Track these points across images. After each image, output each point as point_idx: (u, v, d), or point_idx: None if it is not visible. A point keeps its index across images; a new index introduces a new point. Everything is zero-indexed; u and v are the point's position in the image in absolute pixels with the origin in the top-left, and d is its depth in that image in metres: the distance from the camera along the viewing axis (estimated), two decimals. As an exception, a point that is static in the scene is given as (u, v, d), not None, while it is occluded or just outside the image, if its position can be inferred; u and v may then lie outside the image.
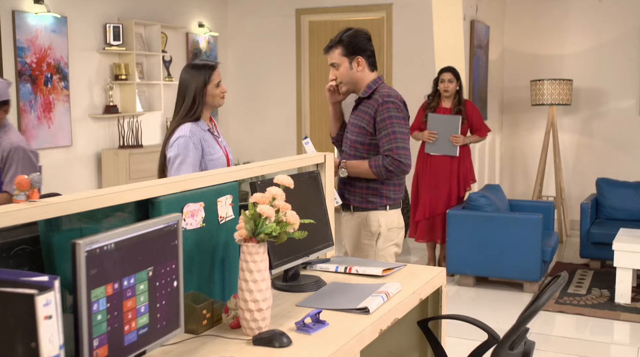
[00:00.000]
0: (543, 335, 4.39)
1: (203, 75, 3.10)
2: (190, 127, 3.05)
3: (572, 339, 4.38)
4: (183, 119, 3.09)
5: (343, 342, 1.95)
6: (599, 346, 4.24)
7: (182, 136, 3.02)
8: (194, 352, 1.86)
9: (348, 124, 3.27)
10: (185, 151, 3.00)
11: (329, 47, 3.15)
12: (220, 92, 3.15)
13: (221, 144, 3.21)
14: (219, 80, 3.15)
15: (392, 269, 2.67)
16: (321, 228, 2.65)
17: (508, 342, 2.07)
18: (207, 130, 3.13)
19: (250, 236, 1.96)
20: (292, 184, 2.06)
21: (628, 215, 6.12)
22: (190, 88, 3.10)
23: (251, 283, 1.97)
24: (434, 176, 5.55)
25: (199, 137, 3.06)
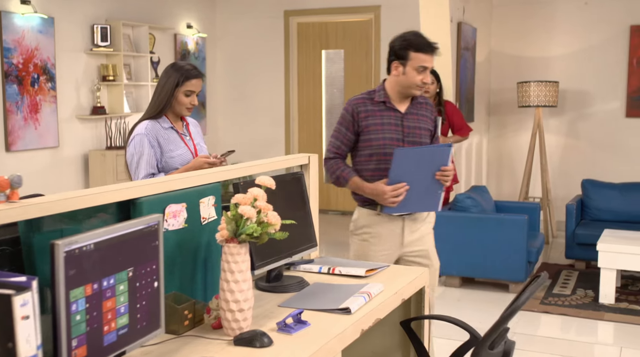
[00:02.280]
0: (528, 335, 4.42)
1: (177, 77, 3.07)
2: (146, 124, 3.05)
3: (556, 339, 4.41)
4: (145, 116, 3.11)
5: (324, 342, 1.97)
6: (583, 346, 4.27)
7: (138, 134, 3.03)
8: (174, 352, 1.87)
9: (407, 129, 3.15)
10: (141, 148, 3.01)
11: (435, 51, 3.09)
12: (189, 103, 3.10)
13: (188, 142, 3.17)
14: (193, 91, 3.10)
15: (376, 270, 2.69)
16: (305, 229, 2.66)
17: (488, 342, 2.09)
18: (169, 127, 3.11)
19: (231, 237, 1.97)
20: (273, 185, 2.07)
21: (613, 216, 6.17)
22: (161, 86, 3.10)
23: (232, 284, 1.98)
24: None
25: (155, 134, 3.05)
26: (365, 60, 8.29)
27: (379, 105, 3.14)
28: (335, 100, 8.61)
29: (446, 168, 3.04)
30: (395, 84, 3.13)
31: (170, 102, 3.09)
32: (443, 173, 3.05)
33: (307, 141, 8.71)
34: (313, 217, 2.85)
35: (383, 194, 3.04)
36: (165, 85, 3.10)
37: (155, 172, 3.07)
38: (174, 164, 3.10)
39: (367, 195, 3.13)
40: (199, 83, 3.14)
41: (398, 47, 3.08)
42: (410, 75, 3.06)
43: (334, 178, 3.23)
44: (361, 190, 3.15)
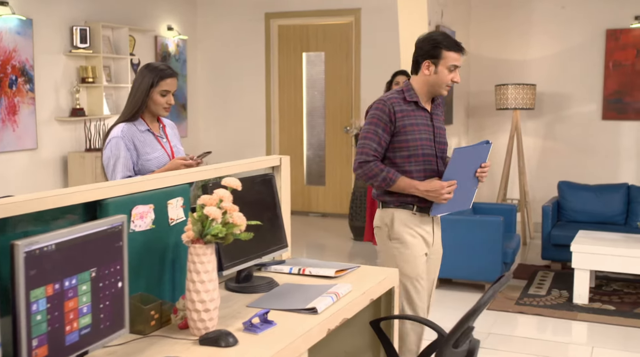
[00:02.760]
0: (503, 335, 4.47)
1: (152, 78, 3.07)
2: (122, 127, 3.04)
3: (530, 339, 4.46)
4: (120, 119, 3.09)
5: (289, 342, 1.99)
6: (556, 345, 4.33)
7: (114, 137, 3.02)
8: (139, 352, 1.88)
9: (436, 130, 3.17)
10: (117, 151, 3.00)
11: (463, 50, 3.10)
12: (165, 102, 3.10)
13: (164, 145, 3.17)
14: (168, 90, 3.09)
15: (346, 270, 2.71)
16: (275, 230, 2.69)
17: (451, 340, 2.13)
18: (145, 130, 3.10)
19: (197, 238, 1.99)
20: (239, 186, 2.09)
21: (589, 217, 6.24)
22: (136, 88, 3.09)
23: (198, 284, 2.00)
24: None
25: (131, 137, 3.04)
26: (346, 62, 8.33)
27: (411, 105, 3.11)
28: (316, 103, 8.64)
29: (486, 164, 3.11)
30: (425, 84, 3.10)
31: (145, 103, 3.09)
32: (483, 170, 3.10)
33: (288, 143, 8.73)
34: (284, 218, 2.87)
35: (441, 189, 2.99)
36: (140, 86, 3.09)
37: (131, 175, 3.06)
38: (151, 166, 3.10)
39: (419, 193, 3.04)
40: (173, 82, 3.13)
41: (430, 47, 3.05)
42: (442, 74, 3.04)
43: (380, 180, 3.05)
44: (413, 188, 3.04)
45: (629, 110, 7.21)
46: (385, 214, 3.16)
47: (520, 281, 5.68)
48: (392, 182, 3.04)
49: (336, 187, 8.48)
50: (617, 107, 7.25)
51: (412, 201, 3.10)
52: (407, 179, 3.06)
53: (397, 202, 3.12)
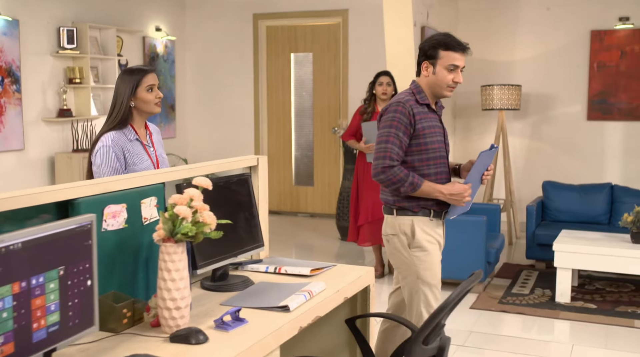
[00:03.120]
0: (484, 334, 4.50)
1: (133, 80, 3.03)
2: (112, 136, 2.99)
3: (511, 338, 4.50)
4: (109, 126, 3.03)
5: (259, 339, 2.02)
6: (537, 343, 4.36)
7: (104, 146, 2.97)
8: (109, 350, 1.91)
9: (443, 130, 3.17)
10: (107, 160, 2.96)
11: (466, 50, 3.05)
12: (155, 97, 3.05)
13: (151, 154, 3.14)
14: (153, 84, 3.04)
15: (321, 269, 2.74)
16: (251, 229, 2.71)
17: (421, 337, 2.16)
18: (134, 139, 3.06)
19: (168, 236, 2.01)
20: (210, 185, 2.12)
21: (572, 217, 6.29)
22: (119, 94, 3.04)
23: (169, 282, 2.02)
24: (375, 180, 5.63)
25: (121, 147, 3.00)
26: (334, 63, 8.36)
27: (424, 107, 3.06)
28: (304, 103, 8.67)
29: (491, 167, 3.16)
30: (426, 85, 3.06)
31: (130, 108, 3.03)
32: (489, 172, 3.16)
33: (276, 144, 8.76)
34: (262, 218, 2.90)
35: (464, 192, 2.99)
36: (124, 91, 3.03)
37: None
38: None
39: (443, 197, 3.00)
40: (154, 77, 3.08)
41: (427, 47, 3.03)
42: (441, 74, 3.00)
43: (407, 185, 2.98)
44: (437, 192, 3.00)
45: (614, 110, 7.27)
46: (402, 221, 3.08)
47: (505, 280, 5.73)
48: (418, 186, 2.98)
49: (325, 187, 8.51)
50: (602, 107, 7.31)
51: (431, 206, 3.07)
52: (431, 183, 3.02)
53: (417, 208, 3.06)
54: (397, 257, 3.15)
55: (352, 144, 5.80)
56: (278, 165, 8.72)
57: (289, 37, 8.57)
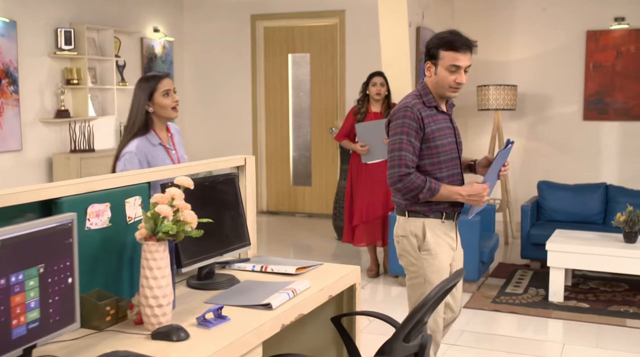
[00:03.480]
0: (476, 333, 4.52)
1: (149, 86, 3.13)
2: (137, 143, 3.08)
3: (502, 337, 4.51)
4: (131, 133, 3.13)
5: (240, 336, 2.04)
6: (528, 342, 4.38)
7: (128, 152, 3.07)
8: (91, 347, 1.94)
9: (452, 131, 3.09)
10: (131, 166, 3.05)
11: (472, 49, 2.96)
12: (172, 101, 3.14)
13: (173, 157, 3.22)
14: (169, 88, 3.13)
15: (307, 268, 2.77)
16: (237, 228, 2.74)
17: (401, 335, 2.18)
18: (157, 144, 3.15)
19: (150, 235, 2.04)
20: (191, 185, 2.15)
21: (567, 217, 6.30)
22: (136, 101, 3.14)
23: (151, 280, 2.05)
24: (370, 180, 5.65)
25: (145, 153, 3.09)
26: (331, 63, 8.39)
27: (432, 109, 3.00)
28: (302, 104, 8.70)
29: (507, 162, 3.14)
30: (431, 86, 3.01)
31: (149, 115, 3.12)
32: (506, 168, 3.13)
33: (274, 144, 8.79)
34: (249, 217, 2.92)
35: (483, 191, 2.94)
36: (140, 99, 3.13)
37: None
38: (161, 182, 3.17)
39: (462, 199, 2.97)
40: (169, 81, 3.19)
41: (430, 46, 2.96)
42: (442, 75, 2.93)
43: (426, 190, 2.94)
44: (456, 194, 2.97)
45: (610, 110, 7.28)
46: (413, 223, 3.06)
47: (499, 280, 5.74)
48: (437, 191, 2.94)
49: (322, 187, 8.54)
50: (598, 107, 7.32)
51: (444, 208, 3.04)
52: (449, 186, 2.99)
53: (430, 211, 3.03)
54: (406, 258, 3.13)
55: (346, 145, 5.83)
56: (276, 165, 8.75)
57: (287, 37, 8.60)
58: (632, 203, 5.65)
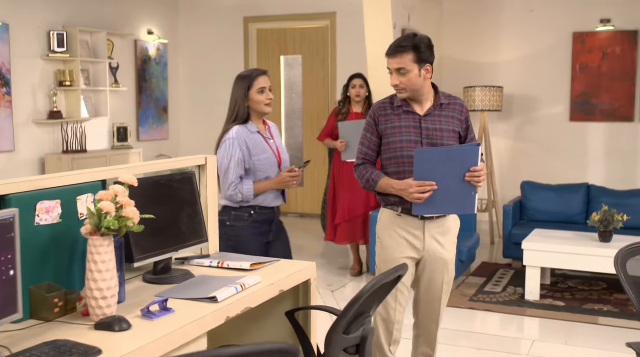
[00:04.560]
0: (447, 330, 4.59)
1: (246, 83, 3.38)
2: (236, 129, 3.39)
3: (473, 333, 4.58)
4: (229, 123, 3.43)
5: (180, 326, 2.14)
6: (498, 339, 4.46)
7: (229, 138, 3.38)
8: (36, 336, 2.03)
9: (426, 131, 3.10)
10: (232, 151, 3.35)
11: (401, 51, 3.02)
12: (265, 98, 3.38)
13: (272, 146, 3.46)
14: (263, 86, 3.38)
15: (263, 264, 2.86)
16: (194, 225, 2.83)
17: (338, 327, 2.26)
18: (255, 131, 3.41)
19: (94, 230, 2.14)
20: (135, 182, 2.25)
21: (549, 216, 6.37)
22: (234, 96, 3.43)
23: (96, 273, 2.14)
24: (350, 179, 5.72)
25: (244, 138, 3.37)
26: (322, 65, 8.48)
27: (398, 109, 3.13)
28: (294, 105, 8.79)
29: (476, 168, 2.96)
30: None
31: (246, 108, 3.40)
32: (472, 174, 2.96)
33: (267, 145, 8.87)
34: (210, 215, 3.02)
35: (409, 187, 3.02)
36: (237, 95, 3.42)
37: (242, 174, 3.40)
38: (261, 166, 3.43)
39: (395, 191, 3.09)
40: (265, 79, 3.43)
41: None
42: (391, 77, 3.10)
43: (364, 182, 3.18)
44: (390, 187, 3.11)
45: (596, 111, 7.34)
46: (379, 211, 3.31)
47: (480, 279, 5.82)
48: (375, 183, 3.14)
49: (314, 188, 8.63)
50: (584, 108, 7.38)
51: (394, 202, 3.15)
52: (388, 179, 3.12)
53: (383, 202, 3.22)
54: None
55: (328, 143, 5.92)
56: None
57: (279, 39, 8.70)
58: (613, 203, 5.72)
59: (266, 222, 3.55)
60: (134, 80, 8.32)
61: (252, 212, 3.48)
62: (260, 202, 3.48)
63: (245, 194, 3.41)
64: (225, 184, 3.41)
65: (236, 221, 3.48)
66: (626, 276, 2.57)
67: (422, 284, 3.29)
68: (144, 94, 8.46)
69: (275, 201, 3.58)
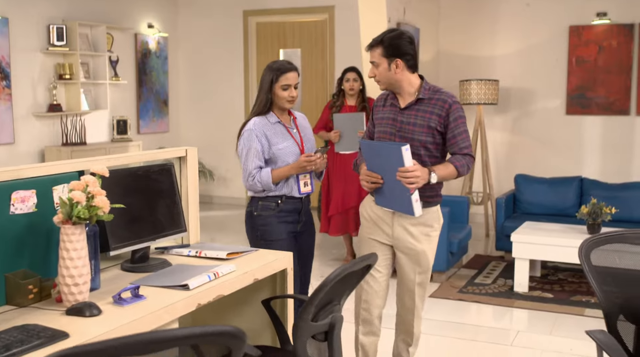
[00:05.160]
0: (434, 320, 4.65)
1: (272, 75, 3.41)
2: (255, 121, 3.43)
3: (457, 324, 4.63)
4: (254, 113, 3.48)
5: (150, 312, 2.21)
6: (483, 329, 4.51)
7: (246, 130, 3.43)
8: (8, 321, 2.10)
9: (400, 124, 3.17)
10: (249, 142, 3.40)
11: (371, 45, 3.18)
12: (288, 95, 3.40)
13: (294, 135, 3.48)
14: (289, 83, 3.38)
15: (240, 253, 2.92)
16: (172, 215, 2.90)
17: (304, 314, 2.32)
18: (276, 122, 3.44)
19: (66, 219, 2.21)
20: (106, 172, 2.31)
21: (542, 209, 6.40)
22: (262, 86, 3.46)
23: (68, 261, 2.22)
24: (344, 171, 5.79)
25: (262, 129, 3.40)
26: (321, 58, 8.53)
27: (388, 101, 3.27)
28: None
29: (405, 169, 2.91)
30: None
31: (270, 99, 3.43)
32: (400, 174, 2.93)
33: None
34: (191, 206, 3.09)
35: (360, 175, 3.18)
36: (263, 85, 3.45)
37: (262, 164, 3.44)
38: (282, 155, 3.44)
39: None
40: (293, 76, 3.43)
41: None
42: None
43: (354, 166, 3.39)
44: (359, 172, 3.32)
45: (592, 105, 7.35)
46: None
47: (471, 271, 5.87)
48: (357, 166, 3.33)
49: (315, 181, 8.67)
50: (580, 102, 7.40)
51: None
52: (364, 164, 3.23)
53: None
54: None
55: (322, 136, 5.97)
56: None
57: (278, 33, 8.75)
58: (605, 196, 5.75)
59: (294, 212, 3.54)
60: (134, 73, 8.40)
61: (279, 201, 3.48)
62: (287, 191, 3.49)
63: (265, 181, 3.40)
64: (244, 176, 3.46)
65: (263, 210, 3.49)
66: (589, 266, 2.62)
67: (398, 274, 3.37)
68: (145, 87, 8.54)
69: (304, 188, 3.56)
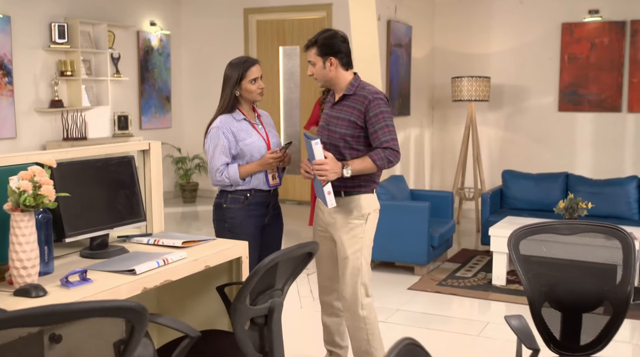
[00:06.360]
0: (409, 312, 4.76)
1: (238, 71, 3.51)
2: (221, 118, 3.51)
3: (430, 315, 4.73)
4: (218, 111, 3.57)
5: (93, 294, 2.36)
6: (454, 320, 4.62)
7: (213, 127, 3.52)
8: (-42, 300, 2.28)
9: (329, 118, 3.43)
10: (217, 139, 3.50)
11: (307, 46, 3.45)
12: (257, 88, 3.52)
13: (260, 131, 3.59)
14: (256, 76, 3.51)
15: (196, 242, 3.07)
16: (131, 205, 3.05)
17: (241, 297, 2.46)
18: (241, 119, 3.55)
19: (14, 206, 2.37)
20: (54, 163, 2.47)
21: (528, 205, 6.47)
22: (227, 83, 3.55)
23: (17, 245, 2.38)
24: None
25: (229, 126, 3.51)
26: (319, 56, 8.63)
27: (329, 97, 3.55)
28: (292, 94, 8.99)
29: (314, 162, 3.17)
30: None
31: (237, 96, 3.53)
32: (313, 167, 3.20)
33: (266, 134, 9.09)
34: (155, 197, 3.24)
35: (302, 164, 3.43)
36: (229, 83, 3.55)
37: (229, 161, 3.55)
38: (249, 150, 3.54)
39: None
40: (257, 69, 3.55)
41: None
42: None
43: None
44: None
45: (584, 102, 7.40)
46: None
47: (455, 264, 5.96)
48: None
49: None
50: (573, 99, 7.44)
51: None
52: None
53: None
54: None
55: (313, 131, 6.11)
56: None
57: (278, 30, 8.89)
58: (589, 192, 5.82)
59: (262, 205, 3.64)
60: (136, 70, 8.59)
61: (248, 195, 3.59)
62: (256, 185, 3.59)
63: (232, 177, 3.51)
64: (212, 171, 3.58)
65: (232, 203, 3.60)
66: (517, 255, 2.73)
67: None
68: (147, 84, 8.73)
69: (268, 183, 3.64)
